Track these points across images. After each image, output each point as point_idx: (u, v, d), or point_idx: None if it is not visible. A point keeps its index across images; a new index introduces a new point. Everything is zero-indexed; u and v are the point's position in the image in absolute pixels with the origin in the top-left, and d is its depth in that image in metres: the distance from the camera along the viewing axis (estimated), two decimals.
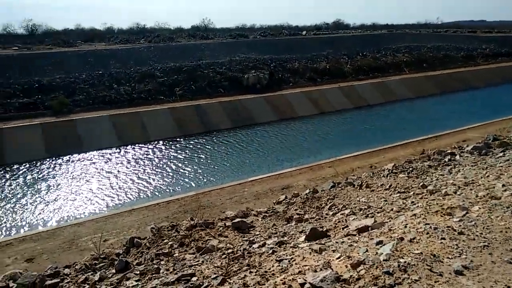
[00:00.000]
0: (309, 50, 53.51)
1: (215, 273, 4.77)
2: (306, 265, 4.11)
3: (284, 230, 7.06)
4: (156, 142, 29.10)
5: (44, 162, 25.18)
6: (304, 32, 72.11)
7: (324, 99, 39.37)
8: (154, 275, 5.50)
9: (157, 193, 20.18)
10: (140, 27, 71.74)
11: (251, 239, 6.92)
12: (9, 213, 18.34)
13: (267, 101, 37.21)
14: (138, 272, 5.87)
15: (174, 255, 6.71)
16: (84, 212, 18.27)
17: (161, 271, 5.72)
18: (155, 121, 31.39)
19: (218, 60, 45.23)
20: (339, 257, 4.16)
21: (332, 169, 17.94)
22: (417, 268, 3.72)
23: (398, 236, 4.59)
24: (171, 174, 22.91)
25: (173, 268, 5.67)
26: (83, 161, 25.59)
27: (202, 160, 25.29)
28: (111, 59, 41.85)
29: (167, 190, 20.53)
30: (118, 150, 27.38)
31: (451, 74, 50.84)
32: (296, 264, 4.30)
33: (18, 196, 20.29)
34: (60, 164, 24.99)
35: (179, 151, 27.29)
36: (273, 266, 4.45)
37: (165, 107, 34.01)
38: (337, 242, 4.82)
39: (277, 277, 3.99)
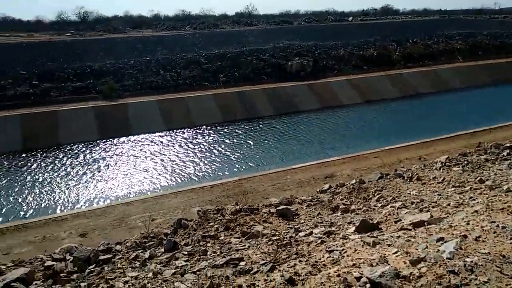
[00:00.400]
0: (355, 37, 51.89)
1: (263, 259, 4.78)
2: (359, 258, 4.00)
3: (331, 220, 6.95)
4: (200, 127, 29.66)
5: (96, 144, 26.46)
6: (350, 18, 69.92)
7: (369, 87, 38.17)
8: (202, 257, 5.63)
9: (201, 177, 20.63)
10: (186, 14, 72.79)
11: (296, 227, 6.89)
12: (64, 190, 19.50)
13: (311, 88, 36.66)
14: (186, 253, 6.03)
15: (220, 238, 6.82)
16: (133, 192, 19.07)
17: (208, 253, 5.83)
18: (199, 107, 31.93)
19: (261, 46, 45.02)
20: (395, 252, 4.01)
21: (378, 159, 17.44)
22: (485, 269, 3.49)
23: (460, 233, 4.34)
24: (215, 158, 23.31)
25: (220, 251, 5.76)
26: (132, 143, 26.63)
27: (245, 146, 25.50)
28: (158, 46, 42.88)
29: (211, 174, 20.93)
30: (164, 134, 28.22)
31: (509, 63, 47.41)
32: (348, 256, 4.20)
33: (73, 175, 21.51)
34: (111, 146, 26.16)
35: (222, 137, 27.66)
36: (323, 257, 4.38)
37: (209, 93, 34.48)
38: (392, 236, 4.65)
39: (329, 268, 3.92)
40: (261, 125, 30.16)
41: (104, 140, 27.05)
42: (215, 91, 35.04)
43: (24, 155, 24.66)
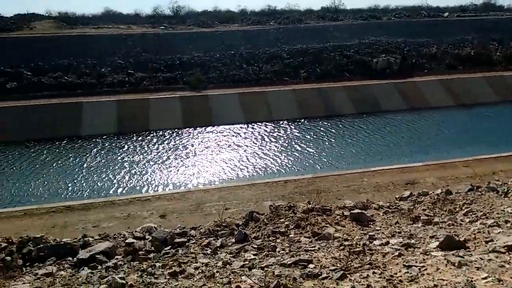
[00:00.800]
0: (450, 34, 47.78)
1: (333, 265, 4.61)
2: (442, 279, 3.64)
3: (410, 231, 6.48)
4: (278, 121, 29.83)
5: (181, 131, 28.06)
6: (446, 14, 64.54)
7: (464, 89, 34.98)
8: (270, 253, 5.63)
9: (276, 171, 20.76)
10: (271, 9, 73.39)
11: (371, 234, 6.54)
12: (150, 173, 20.98)
13: (397, 87, 34.72)
14: (256, 246, 6.07)
15: (290, 236, 6.76)
16: (210, 180, 19.86)
17: (277, 249, 5.81)
18: (278, 102, 32.09)
19: (346, 42, 43.68)
20: (485, 278, 3.57)
21: (468, 169, 15.91)
22: None
23: None
24: (291, 154, 23.28)
25: (289, 249, 5.70)
26: (213, 133, 27.77)
27: (323, 143, 25.09)
28: (242, 40, 43.84)
29: (286, 169, 20.96)
30: (243, 126, 28.91)
31: None
32: (428, 275, 3.85)
33: (158, 159, 23.06)
34: (194, 135, 27.55)
35: (300, 132, 27.52)
36: (400, 271, 4.08)
37: (289, 88, 34.48)
38: (481, 259, 4.17)
39: (406, 285, 3.63)
40: (341, 123, 29.37)
41: (188, 129, 28.54)
42: (295, 87, 34.92)
43: (118, 137, 27.07)
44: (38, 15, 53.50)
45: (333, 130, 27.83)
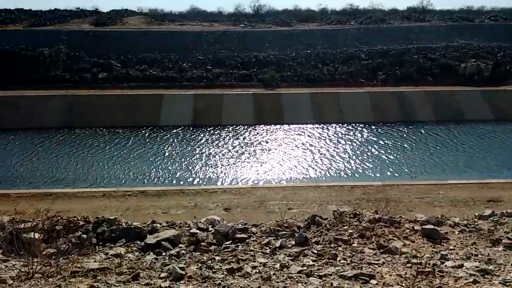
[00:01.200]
0: None
1: (398, 284, 4.29)
2: None
3: (489, 254, 5.84)
4: (350, 124, 28.95)
5: (252, 128, 28.52)
6: None
7: None
8: (330, 261, 5.43)
9: (343, 175, 20.17)
10: (353, 8, 71.19)
11: (443, 253, 6.02)
12: (219, 166, 21.59)
13: (485, 96, 31.75)
14: (316, 252, 5.91)
15: (353, 245, 6.48)
16: (276, 177, 19.91)
17: (338, 258, 5.59)
18: (352, 104, 31.12)
19: (431, 45, 40.91)
20: None
21: None
22: None
23: None
24: (361, 158, 22.46)
25: (351, 259, 5.45)
26: (283, 132, 27.82)
27: (396, 150, 23.83)
28: (320, 39, 43.19)
29: (354, 174, 20.28)
30: (314, 127, 28.55)
31: None
32: None
33: (228, 153, 23.67)
34: (264, 132, 27.84)
35: (374, 137, 26.44)
36: None
37: (364, 90, 33.28)
38: None
39: None
40: (419, 130, 27.63)
41: (259, 125, 28.91)
42: (371, 89, 33.61)
43: (192, 129, 28.31)
44: (131, 11, 57.78)
45: (409, 137, 26.30)
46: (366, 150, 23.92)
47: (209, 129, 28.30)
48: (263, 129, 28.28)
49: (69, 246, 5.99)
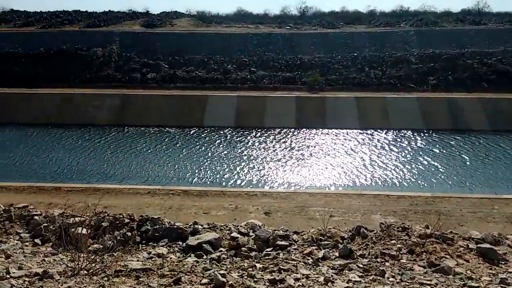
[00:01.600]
0: None
1: None
2: None
3: None
4: (397, 130, 27.91)
5: (293, 131, 28.24)
6: None
7: None
8: (378, 278, 5.13)
9: (389, 184, 19.41)
10: (403, 10, 68.88)
11: (502, 276, 5.52)
12: (261, 169, 21.52)
13: None
14: (362, 266, 5.63)
15: (401, 261, 6.12)
16: (317, 183, 19.52)
17: (385, 275, 5.28)
18: (399, 109, 29.97)
19: (487, 49, 38.56)
20: None
21: None
22: None
23: None
24: (408, 167, 21.53)
25: (400, 278, 5.13)
26: (325, 136, 27.30)
27: (447, 159, 22.61)
28: (367, 42, 42.08)
29: (400, 183, 19.45)
30: (358, 132, 27.79)
31: None
32: None
33: (269, 156, 23.56)
34: (306, 135, 27.48)
35: (422, 145, 25.29)
36: None
37: (413, 96, 31.96)
38: None
39: None
40: (472, 139, 26.08)
41: (301, 129, 28.57)
42: (420, 94, 32.22)
43: (235, 131, 28.49)
44: (180, 13, 59.44)
45: (461, 146, 24.88)
46: (414, 158, 22.91)
47: (251, 131, 28.36)
48: (306, 133, 27.92)
49: (114, 243, 6.11)
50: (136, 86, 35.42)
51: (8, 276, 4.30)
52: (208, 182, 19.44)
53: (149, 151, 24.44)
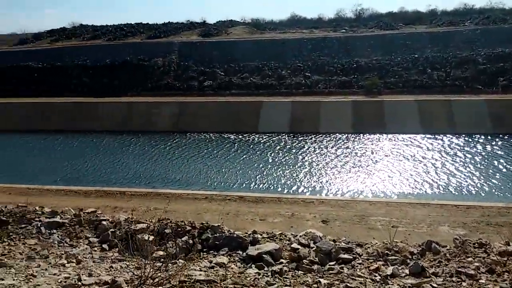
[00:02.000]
0: None
1: None
2: None
3: None
4: (464, 135, 26.14)
5: (350, 137, 27.45)
6: None
7: None
8: None
9: (455, 192, 18.11)
10: (468, 8, 64.64)
11: None
12: (317, 175, 21.08)
13: None
14: (436, 286, 5.18)
15: (480, 281, 5.57)
16: (376, 191, 18.70)
17: None
18: (466, 112, 28.03)
19: None
20: None
21: None
22: None
23: None
24: (477, 174, 19.97)
25: None
26: (385, 142, 26.25)
27: None
28: (429, 43, 39.99)
29: (469, 192, 18.07)
30: (420, 137, 26.39)
31: None
32: None
33: (325, 162, 23.05)
34: (364, 141, 26.58)
35: (492, 150, 23.41)
36: None
37: (481, 98, 29.78)
38: None
39: None
40: None
41: (358, 134, 27.70)
42: (489, 96, 29.98)
43: (290, 137, 28.32)
44: (235, 21, 60.59)
45: None
46: (483, 164, 21.22)
47: (306, 136, 28.00)
48: (364, 139, 27.00)
49: (177, 250, 6.19)
50: (194, 93, 36.57)
51: (79, 283, 4.48)
52: (264, 188, 19.38)
53: (206, 156, 25.01)
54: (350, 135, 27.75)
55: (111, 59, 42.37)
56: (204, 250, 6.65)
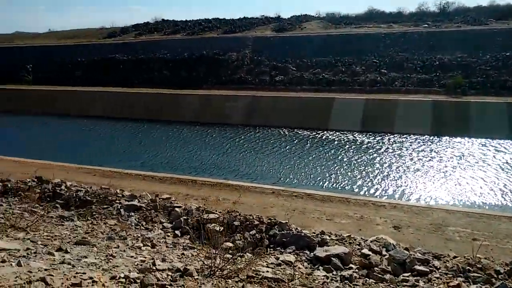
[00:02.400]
0: None
1: None
2: None
3: None
4: None
5: (428, 139, 25.74)
6: None
7: None
8: None
9: None
10: None
11: None
12: (391, 177, 20.05)
13: None
14: None
15: None
16: (456, 199, 17.33)
17: None
18: None
19: None
20: None
21: None
22: None
23: None
24: None
25: None
26: (469, 147, 24.25)
27: None
28: None
29: None
30: (511, 143, 23.96)
31: None
32: None
33: (399, 164, 21.86)
34: (444, 144, 24.81)
35: None
36: None
37: None
38: None
39: None
40: None
41: (437, 137, 25.91)
42: None
43: (361, 135, 27.34)
44: (310, 16, 59.77)
45: None
46: None
47: (379, 135, 26.82)
48: (444, 141, 25.17)
49: (245, 243, 6.24)
50: (265, 88, 36.86)
51: (154, 268, 4.69)
52: (334, 187, 18.92)
53: (276, 151, 25.11)
54: (428, 137, 26.02)
55: (189, 53, 44.24)
56: (271, 246, 6.62)
